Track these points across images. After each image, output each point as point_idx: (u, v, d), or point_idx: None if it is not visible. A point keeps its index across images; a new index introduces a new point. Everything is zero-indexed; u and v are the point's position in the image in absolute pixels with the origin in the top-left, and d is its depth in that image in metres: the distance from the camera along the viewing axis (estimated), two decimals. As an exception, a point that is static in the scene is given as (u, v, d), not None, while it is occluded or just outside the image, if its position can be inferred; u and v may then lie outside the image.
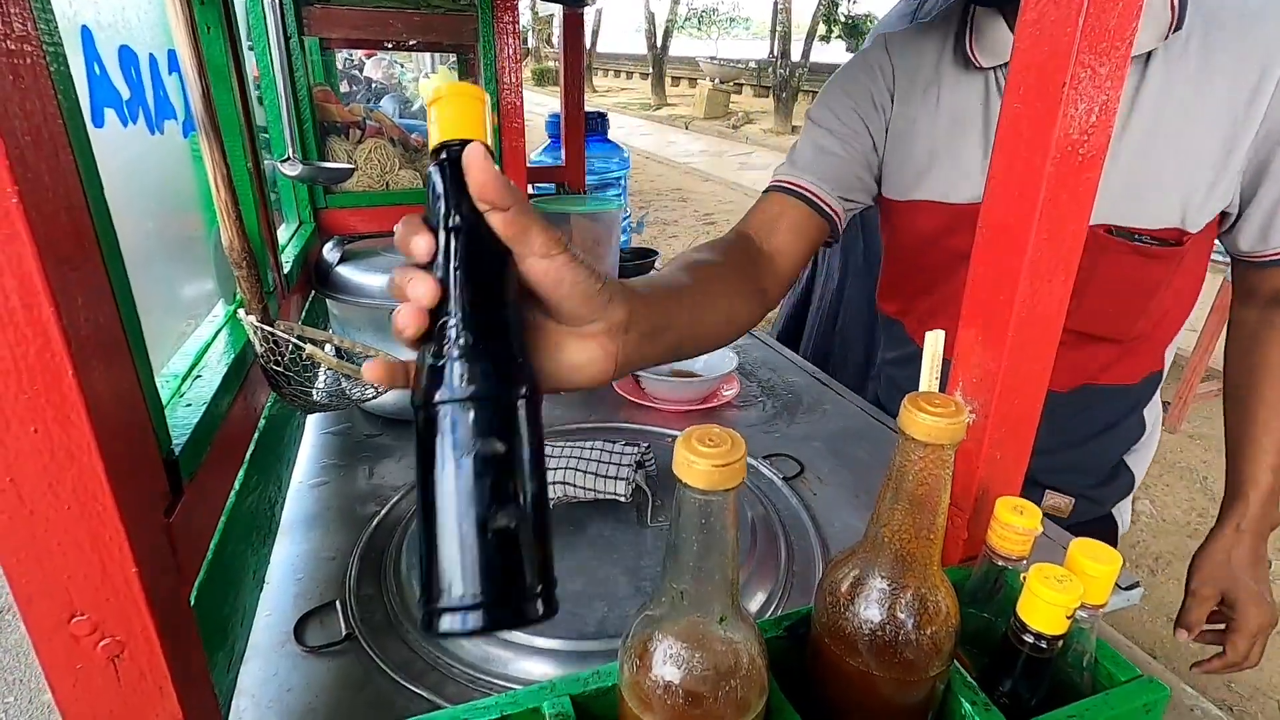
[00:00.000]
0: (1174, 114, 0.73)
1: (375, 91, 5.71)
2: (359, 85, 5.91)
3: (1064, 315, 0.53)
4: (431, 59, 5.86)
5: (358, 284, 0.97)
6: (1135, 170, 0.74)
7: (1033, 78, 0.47)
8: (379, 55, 6.19)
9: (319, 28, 1.16)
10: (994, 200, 0.51)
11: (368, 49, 2.58)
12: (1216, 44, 0.71)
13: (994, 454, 0.55)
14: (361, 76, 6.23)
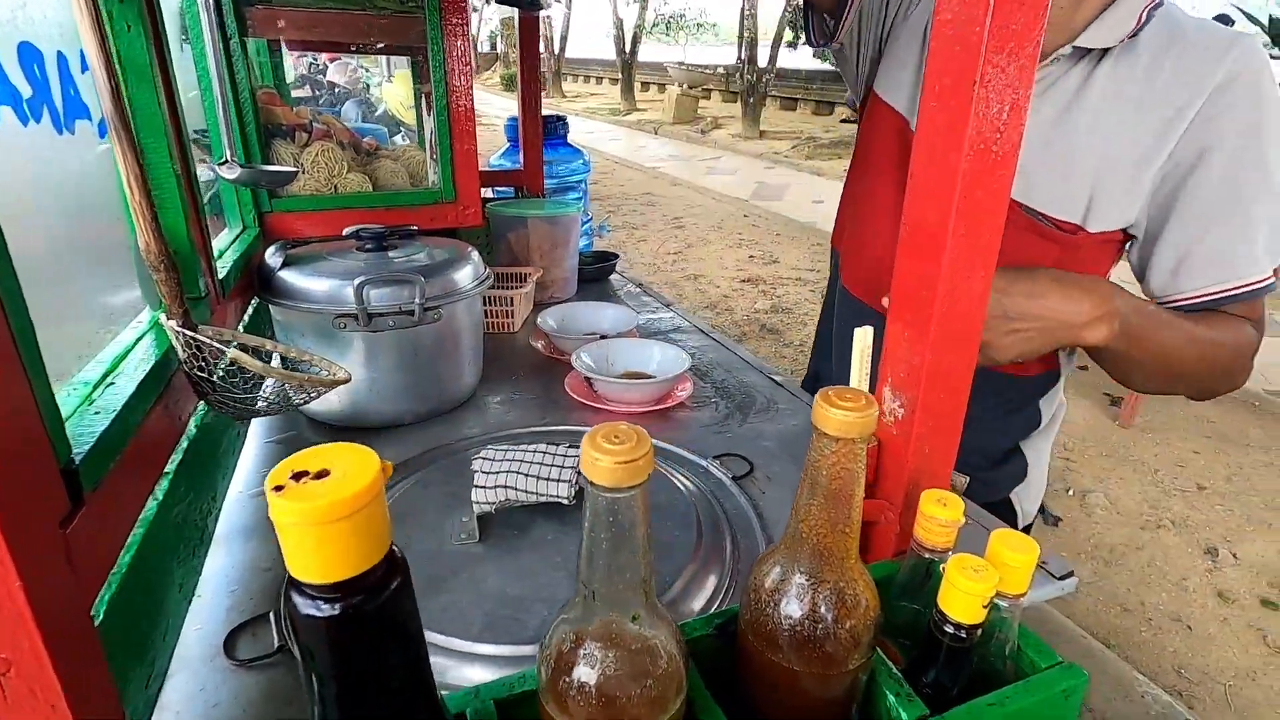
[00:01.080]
0: (1107, 117, 0.76)
1: (338, 96, 5.62)
2: (322, 90, 5.82)
3: (985, 311, 0.54)
4: (387, 63, 5.80)
5: (300, 289, 0.95)
6: (1059, 159, 0.78)
7: (947, 79, 0.48)
8: (342, 59, 6.10)
9: (262, 29, 1.13)
10: (914, 198, 0.52)
11: (314, 50, 2.55)
12: (1164, 65, 0.75)
13: (922, 448, 0.56)
14: (325, 81, 6.14)
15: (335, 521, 0.27)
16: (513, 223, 1.58)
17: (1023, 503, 1.01)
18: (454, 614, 0.65)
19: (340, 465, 0.29)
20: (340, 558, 0.28)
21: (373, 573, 0.29)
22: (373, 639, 0.30)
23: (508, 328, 1.43)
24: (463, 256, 1.08)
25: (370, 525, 0.29)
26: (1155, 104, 0.75)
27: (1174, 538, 2.32)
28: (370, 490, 0.28)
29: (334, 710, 0.31)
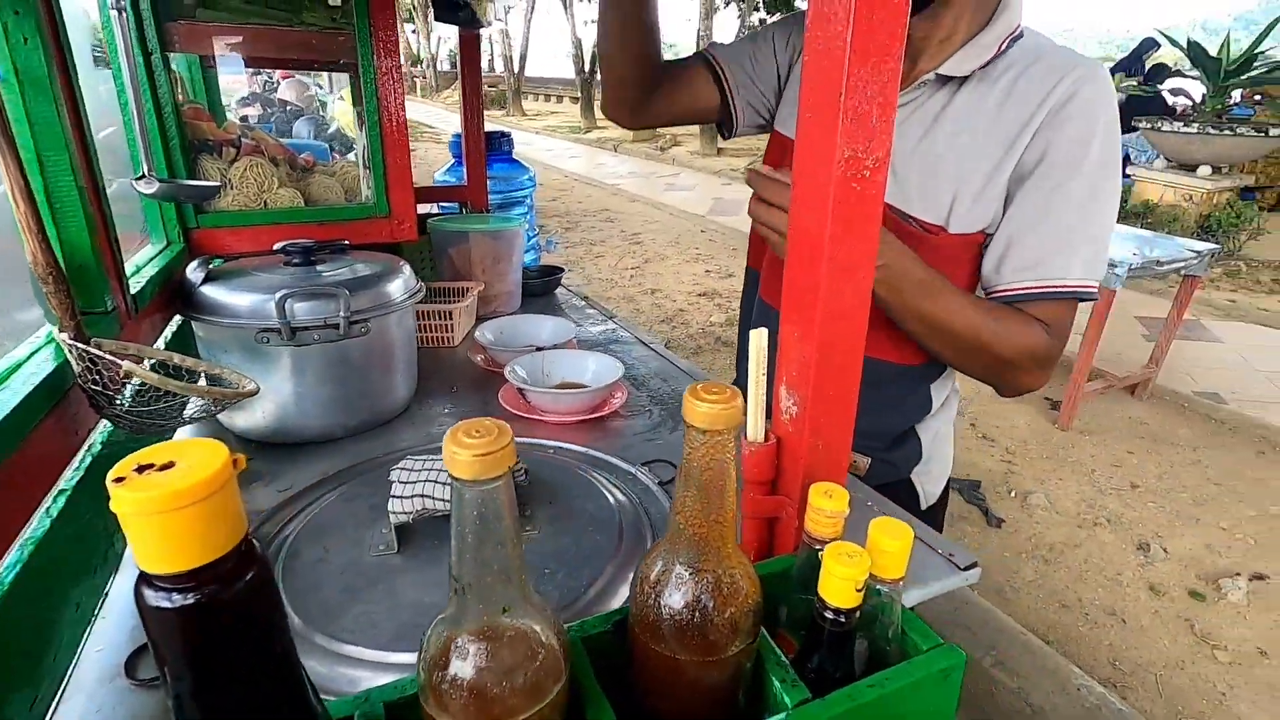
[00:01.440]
0: (965, 133, 0.86)
1: (290, 114, 5.55)
2: (273, 108, 5.73)
3: (868, 309, 0.56)
4: (329, 79, 5.73)
5: (222, 304, 0.94)
6: (926, 169, 0.88)
7: (819, 98, 0.51)
8: (296, 77, 6.03)
9: (185, 44, 1.12)
10: (797, 208, 0.55)
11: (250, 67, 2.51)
12: (1018, 85, 0.84)
13: (816, 443, 0.58)
14: (275, 99, 6.05)
15: (176, 510, 0.28)
16: (454, 237, 1.58)
17: (924, 484, 1.07)
18: (366, 624, 0.65)
19: (187, 458, 0.29)
20: (185, 547, 0.29)
21: (223, 563, 0.30)
22: (226, 631, 0.31)
23: (447, 341, 1.43)
24: (393, 270, 1.08)
25: (217, 514, 0.29)
26: (1006, 120, 0.84)
27: (1109, 535, 2.41)
28: (215, 480, 0.29)
29: (192, 709, 0.31)
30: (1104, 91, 0.82)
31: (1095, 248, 0.83)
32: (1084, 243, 0.83)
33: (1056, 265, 0.83)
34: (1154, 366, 3.30)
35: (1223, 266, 5.06)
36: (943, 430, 1.07)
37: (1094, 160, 0.81)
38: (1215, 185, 5.27)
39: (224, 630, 0.30)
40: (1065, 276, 0.83)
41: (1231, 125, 5.11)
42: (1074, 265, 0.83)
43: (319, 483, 0.91)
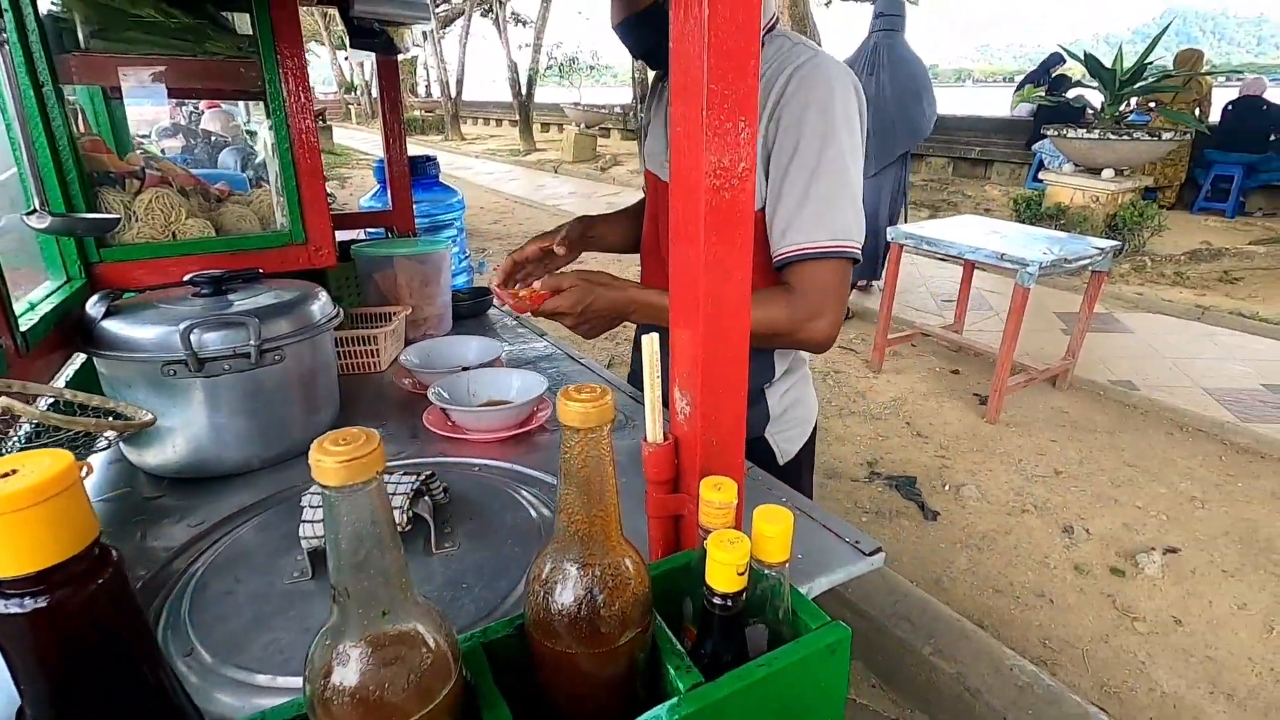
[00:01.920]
0: None
1: (215, 144, 5.39)
2: (197, 139, 5.56)
3: (748, 308, 0.60)
4: (246, 109, 5.60)
5: (124, 338, 0.91)
6: None
7: (686, 115, 0.54)
8: (220, 106, 5.87)
9: (81, 75, 1.10)
10: (675, 215, 0.58)
11: (155, 97, 2.46)
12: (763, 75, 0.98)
13: (709, 439, 0.61)
14: (199, 130, 5.87)
15: (21, 510, 0.28)
16: (378, 262, 1.57)
17: (779, 443, 1.20)
18: (274, 651, 0.64)
19: (29, 465, 0.30)
20: (31, 548, 0.29)
21: (73, 564, 0.30)
22: (81, 636, 0.31)
23: (374, 366, 1.42)
24: (308, 296, 1.07)
25: (61, 516, 0.30)
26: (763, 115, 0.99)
27: (1036, 520, 2.52)
28: (56, 482, 0.29)
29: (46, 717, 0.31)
30: (812, 78, 0.95)
31: (827, 208, 0.95)
32: (817, 207, 0.95)
33: (799, 231, 0.96)
34: (1070, 358, 3.49)
35: (1130, 262, 5.40)
36: (793, 393, 1.20)
37: (810, 136, 0.94)
38: (1119, 187, 5.63)
39: (78, 634, 0.31)
40: (809, 240, 0.96)
41: (1129, 131, 5.49)
42: (816, 230, 0.96)
43: (233, 515, 0.89)
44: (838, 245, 0.96)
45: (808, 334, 0.99)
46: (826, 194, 0.95)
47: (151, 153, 3.66)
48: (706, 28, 0.50)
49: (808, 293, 0.98)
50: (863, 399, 3.50)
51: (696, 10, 0.50)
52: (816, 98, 0.95)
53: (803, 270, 0.98)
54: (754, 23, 0.51)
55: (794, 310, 0.98)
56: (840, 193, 0.96)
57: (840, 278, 0.99)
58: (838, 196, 0.96)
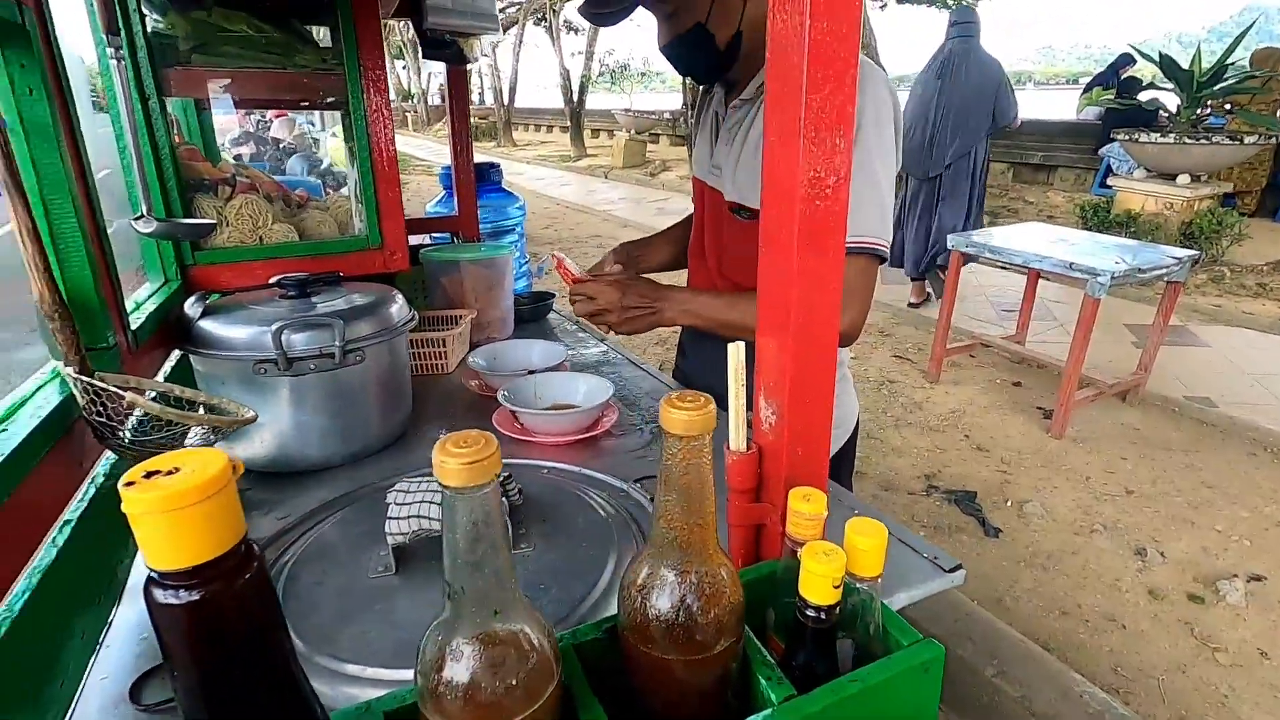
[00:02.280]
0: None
1: (284, 151, 5.61)
2: (267, 146, 5.80)
3: (838, 319, 0.59)
4: (321, 117, 5.79)
5: (219, 337, 0.96)
6: (746, 169, 1.11)
7: (782, 124, 0.54)
8: (287, 115, 6.11)
9: (182, 89, 1.16)
10: (767, 224, 0.58)
11: (241, 108, 2.58)
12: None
13: (795, 449, 0.61)
14: (269, 137, 6.12)
15: (183, 508, 0.30)
16: (445, 267, 1.61)
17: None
18: (362, 643, 0.66)
19: (189, 464, 0.32)
20: (190, 544, 0.31)
21: (225, 560, 0.32)
22: (230, 626, 0.33)
23: (441, 369, 1.45)
24: (386, 299, 1.11)
25: (218, 514, 0.32)
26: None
27: (1106, 541, 2.42)
28: (215, 481, 0.31)
29: (198, 704, 0.33)
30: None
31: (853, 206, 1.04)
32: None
33: None
34: (1143, 372, 3.34)
35: (1207, 272, 5.13)
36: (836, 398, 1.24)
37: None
38: (1195, 193, 5.36)
39: (227, 625, 0.33)
40: None
41: (1207, 134, 5.22)
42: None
43: (317, 509, 0.93)
44: (860, 241, 0.97)
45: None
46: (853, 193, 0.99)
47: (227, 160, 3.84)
48: (808, 38, 0.50)
49: None
50: (919, 410, 3.42)
51: (797, 21, 0.50)
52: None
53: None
54: (854, 35, 0.51)
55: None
56: (865, 191, 0.96)
57: (863, 273, 1.00)
58: (862, 194, 0.95)
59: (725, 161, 1.17)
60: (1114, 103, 6.83)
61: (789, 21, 0.51)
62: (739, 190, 1.14)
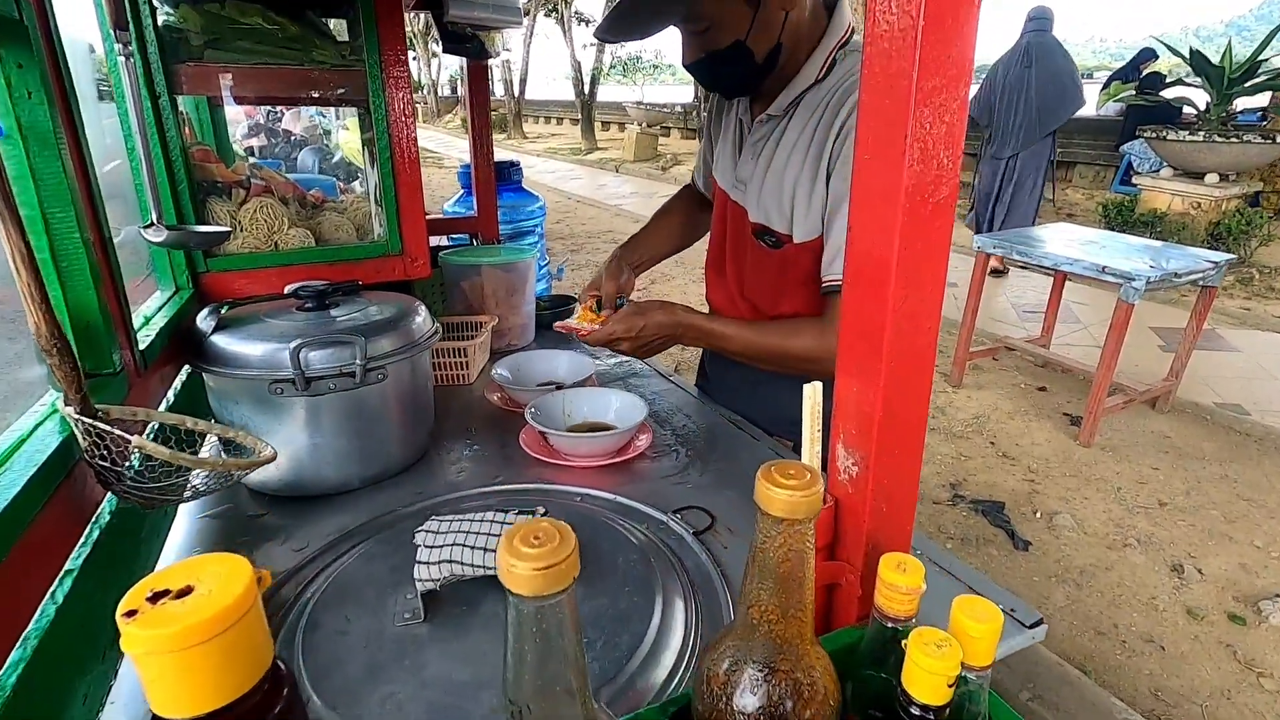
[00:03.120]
0: (794, 155, 1.02)
1: (295, 144, 5.56)
2: (278, 139, 5.75)
3: (934, 357, 0.52)
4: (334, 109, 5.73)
5: (233, 354, 0.90)
6: (771, 190, 1.06)
7: (880, 139, 0.47)
8: (299, 107, 6.04)
9: (194, 86, 1.10)
10: (855, 257, 0.51)
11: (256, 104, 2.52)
12: (826, 107, 0.98)
13: (879, 506, 0.54)
14: (280, 130, 6.06)
15: (196, 646, 0.24)
16: (465, 271, 1.55)
17: None
18: (392, 707, 0.60)
19: (206, 579, 0.25)
20: (206, 686, 0.25)
21: (250, 697, 0.26)
22: None
23: (462, 379, 1.39)
24: (409, 311, 1.04)
25: (242, 645, 0.25)
26: (816, 140, 0.99)
27: (1140, 556, 2.34)
28: (238, 606, 0.25)
29: None
30: None
31: None
32: None
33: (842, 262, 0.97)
34: (1174, 379, 3.24)
35: (1235, 274, 5.01)
36: None
37: None
38: (1224, 193, 5.23)
39: None
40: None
41: (1239, 132, 5.09)
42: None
43: (337, 540, 0.87)
44: None
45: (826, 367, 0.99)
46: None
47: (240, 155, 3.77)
48: (919, 43, 0.43)
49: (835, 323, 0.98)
50: (942, 415, 3.34)
51: (906, 23, 0.43)
52: None
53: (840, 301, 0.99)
54: (973, 38, 0.44)
55: (824, 339, 1.00)
56: None
57: None
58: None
59: (749, 178, 1.11)
60: (1138, 99, 6.68)
61: (895, 22, 0.44)
62: (763, 211, 1.08)
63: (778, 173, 1.05)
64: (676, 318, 1.10)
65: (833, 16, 1.01)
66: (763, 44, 0.97)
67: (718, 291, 1.26)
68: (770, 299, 1.14)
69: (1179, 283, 2.89)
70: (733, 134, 1.17)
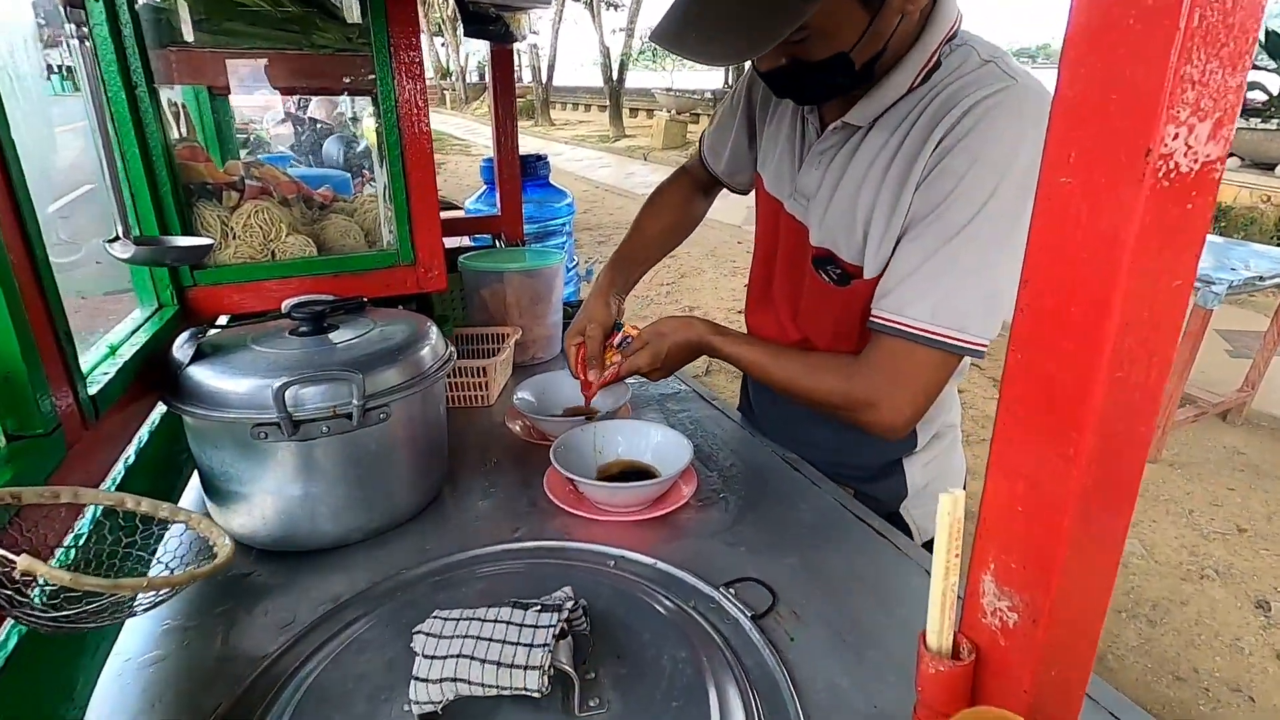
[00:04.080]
0: (872, 173, 0.85)
1: (320, 132, 5.48)
2: (304, 126, 5.67)
3: (1146, 456, 0.36)
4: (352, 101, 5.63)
5: (210, 390, 0.77)
6: (840, 212, 0.88)
7: (1101, 157, 0.31)
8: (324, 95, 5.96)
9: (181, 75, 0.97)
10: (1034, 311, 0.35)
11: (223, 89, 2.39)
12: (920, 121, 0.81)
13: (1047, 671, 0.38)
14: (305, 117, 5.99)
15: None
16: (487, 278, 1.41)
17: (917, 519, 1.05)
18: None
19: None
20: None
21: None
22: None
23: (482, 400, 1.26)
24: (418, 337, 0.90)
25: None
26: (905, 157, 0.81)
27: (1220, 590, 2.13)
28: None
29: None
30: (996, 123, 0.75)
31: (946, 286, 0.78)
32: (932, 280, 0.78)
33: (898, 298, 0.81)
34: (1249, 389, 3.00)
35: (1307, 272, 4.68)
36: (937, 464, 1.04)
37: (964, 198, 0.76)
38: (1295, 185, 4.89)
39: None
40: (902, 313, 0.80)
41: (1314, 120, 4.74)
42: (917, 304, 0.79)
43: (329, 614, 0.73)
44: (939, 332, 0.79)
45: (863, 417, 0.86)
46: (951, 269, 0.78)
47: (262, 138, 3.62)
48: (1183, 26, 0.26)
49: (876, 372, 0.84)
50: (990, 424, 3.13)
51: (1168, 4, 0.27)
52: (992, 155, 0.75)
53: (883, 344, 0.83)
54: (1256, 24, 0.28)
55: (852, 385, 0.86)
56: (973, 274, 0.78)
57: (929, 369, 0.82)
58: (967, 276, 0.78)
59: (813, 193, 0.93)
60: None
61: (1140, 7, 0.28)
62: (829, 235, 0.91)
63: (850, 193, 0.87)
64: (703, 341, 0.97)
65: (937, 4, 0.81)
66: (867, 53, 0.78)
67: (761, 315, 1.08)
68: (828, 336, 0.97)
69: (1263, 286, 2.65)
70: (793, 136, 0.98)
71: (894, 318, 0.81)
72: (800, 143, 0.97)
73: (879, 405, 0.84)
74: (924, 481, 1.03)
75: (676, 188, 1.29)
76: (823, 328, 0.97)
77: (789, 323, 1.02)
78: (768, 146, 1.04)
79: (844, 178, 0.88)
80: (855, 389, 0.85)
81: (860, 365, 0.86)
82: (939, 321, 0.79)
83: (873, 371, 0.84)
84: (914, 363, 0.82)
